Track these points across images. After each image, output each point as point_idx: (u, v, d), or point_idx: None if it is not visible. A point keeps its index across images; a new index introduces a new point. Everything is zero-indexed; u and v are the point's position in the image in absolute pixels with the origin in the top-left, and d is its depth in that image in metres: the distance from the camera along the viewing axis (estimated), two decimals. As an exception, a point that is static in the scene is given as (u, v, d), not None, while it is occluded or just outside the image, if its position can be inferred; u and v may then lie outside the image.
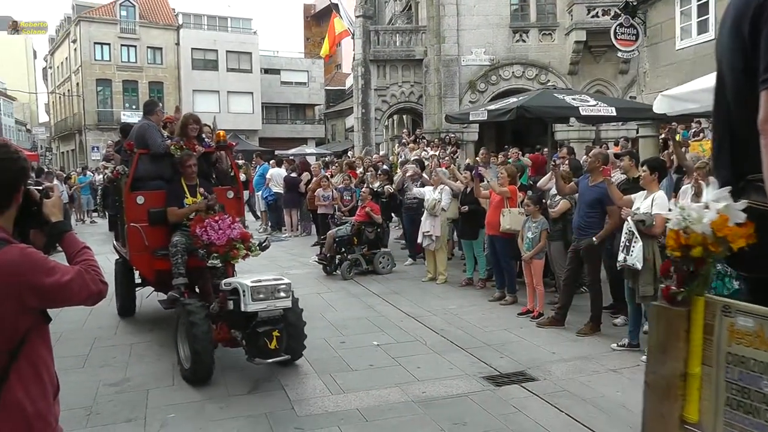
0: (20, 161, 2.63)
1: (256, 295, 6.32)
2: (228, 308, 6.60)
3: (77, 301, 2.63)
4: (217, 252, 7.00)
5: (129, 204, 8.09)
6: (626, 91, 25.65)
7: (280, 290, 6.49)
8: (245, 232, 7.42)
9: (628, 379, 6.54)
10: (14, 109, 72.57)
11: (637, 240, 6.95)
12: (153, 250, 7.99)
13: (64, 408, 5.89)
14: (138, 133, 8.31)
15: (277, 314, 6.49)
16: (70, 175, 27.93)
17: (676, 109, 9.34)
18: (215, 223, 7.11)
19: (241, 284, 6.43)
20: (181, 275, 7.58)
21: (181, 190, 7.99)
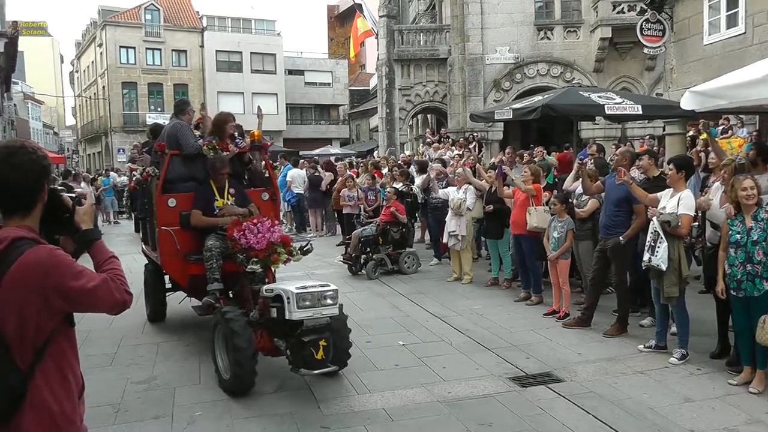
0: (40, 161, 2.63)
1: (301, 303, 5.96)
2: (270, 316, 6.28)
3: (102, 308, 2.62)
4: (257, 257, 6.72)
5: (160, 207, 7.79)
6: (653, 88, 25.41)
7: (327, 297, 6.13)
8: (286, 235, 7.16)
9: (656, 382, 6.46)
10: (42, 112, 73.62)
11: (662, 240, 6.85)
12: (185, 254, 7.68)
13: (92, 405, 5.98)
14: (170, 134, 8.03)
15: (324, 322, 6.12)
16: (96, 177, 28.23)
17: (705, 106, 9.20)
18: (254, 226, 6.82)
19: (286, 291, 6.07)
20: (216, 280, 7.24)
21: (210, 193, 7.72)
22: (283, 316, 6.05)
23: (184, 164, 7.98)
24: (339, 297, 6.34)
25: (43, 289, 2.46)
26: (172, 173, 7.91)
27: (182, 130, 7.96)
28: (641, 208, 7.76)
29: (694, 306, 7.53)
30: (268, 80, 51.93)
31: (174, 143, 7.92)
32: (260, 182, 8.67)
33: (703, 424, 5.43)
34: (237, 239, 6.80)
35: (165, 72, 49.98)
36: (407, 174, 15.14)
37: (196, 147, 7.80)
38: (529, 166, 10.46)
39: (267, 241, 6.76)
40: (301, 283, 6.26)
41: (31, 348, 2.50)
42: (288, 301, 5.99)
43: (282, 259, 6.87)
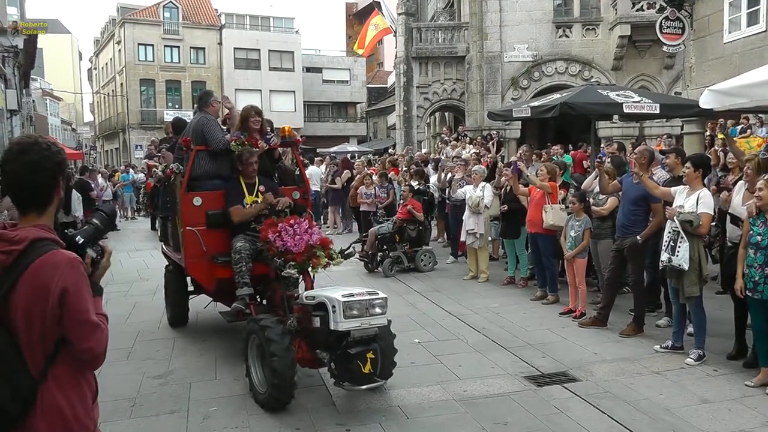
0: (54, 156, 2.61)
1: (348, 312, 5.49)
2: (313, 326, 5.80)
3: (85, 344, 2.52)
4: (295, 260, 6.27)
5: (185, 206, 7.28)
6: (671, 87, 25.24)
7: (375, 306, 5.67)
8: (325, 237, 6.73)
9: (672, 382, 6.42)
10: (60, 109, 74.28)
11: (683, 240, 6.79)
12: (211, 256, 7.19)
13: (109, 399, 6.04)
14: (195, 128, 7.51)
15: (372, 333, 5.65)
16: (113, 173, 28.43)
17: (724, 105, 9.12)
18: (290, 227, 6.39)
19: (330, 299, 5.60)
20: (246, 285, 6.79)
21: (240, 189, 7.24)
22: (328, 326, 5.60)
23: (210, 160, 7.48)
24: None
25: (50, 291, 2.43)
26: (197, 170, 7.42)
27: (209, 125, 7.46)
28: (659, 207, 7.70)
29: (711, 306, 7.47)
30: (285, 78, 52.06)
31: (200, 138, 7.42)
32: (291, 180, 8.24)
33: (719, 426, 5.40)
34: (272, 241, 6.34)
35: (183, 69, 50.26)
36: (422, 173, 15.13)
37: (224, 142, 7.34)
38: (545, 165, 10.42)
39: (305, 243, 6.33)
40: (346, 290, 5.81)
41: (42, 353, 2.49)
42: (333, 310, 5.53)
43: (322, 263, 6.44)
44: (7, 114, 24.13)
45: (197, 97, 8.18)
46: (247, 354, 6.17)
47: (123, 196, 26.18)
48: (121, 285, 11.85)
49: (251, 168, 7.22)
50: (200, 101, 7.91)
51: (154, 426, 5.67)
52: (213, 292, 7.79)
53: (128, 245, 18.34)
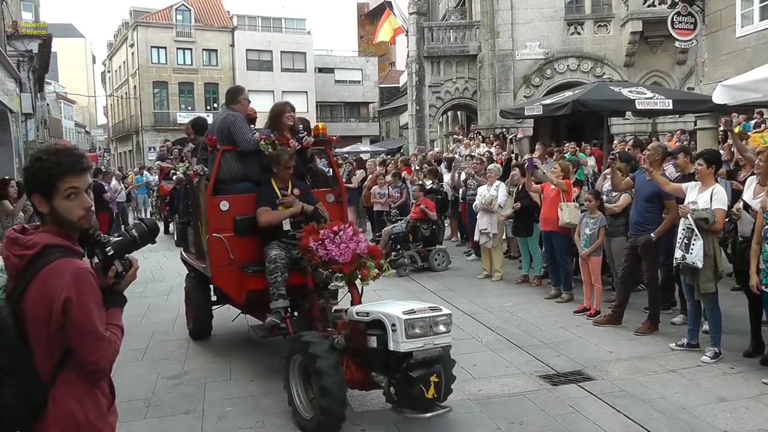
0: (50, 161, 2.55)
1: (411, 331, 4.89)
2: (368, 346, 5.18)
3: (90, 356, 2.50)
4: (341, 271, 5.74)
5: (211, 211, 6.76)
6: (684, 83, 25.09)
7: (440, 323, 5.07)
8: (374, 245, 6.18)
9: (688, 380, 6.38)
10: (74, 111, 74.86)
11: (697, 238, 6.73)
12: (240, 264, 6.70)
13: (124, 399, 6.07)
14: (221, 127, 6.94)
15: (436, 354, 5.05)
16: (127, 175, 28.57)
17: (737, 99, 9.06)
18: (334, 234, 5.86)
19: (389, 316, 4.99)
20: (281, 297, 6.28)
21: (273, 193, 6.69)
22: (386, 346, 4.99)
23: (238, 161, 6.92)
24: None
25: (54, 299, 2.43)
26: (224, 172, 6.88)
27: (236, 123, 6.85)
28: (673, 204, 7.65)
29: (726, 303, 7.42)
30: (298, 78, 52.19)
31: (226, 137, 6.88)
32: (323, 182, 7.79)
33: (737, 425, 5.35)
34: (314, 250, 5.81)
35: (196, 71, 50.49)
36: (436, 171, 15.12)
37: (253, 142, 6.76)
38: (558, 162, 10.39)
39: (352, 252, 5.77)
40: (405, 305, 5.20)
41: (50, 359, 2.49)
42: (393, 329, 4.92)
43: (372, 274, 5.87)
44: (22, 117, 24.30)
45: (227, 92, 7.54)
46: (289, 376, 5.65)
47: (137, 197, 26.29)
48: (136, 286, 11.68)
49: (288, 170, 6.71)
50: (228, 97, 7.34)
51: (169, 426, 5.69)
52: (243, 304, 7.19)
53: (142, 247, 18.45)
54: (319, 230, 5.96)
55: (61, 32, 57.53)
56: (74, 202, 2.57)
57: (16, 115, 22.67)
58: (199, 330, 8.18)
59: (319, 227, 6.03)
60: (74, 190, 2.57)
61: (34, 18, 31.11)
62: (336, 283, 5.82)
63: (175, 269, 13.40)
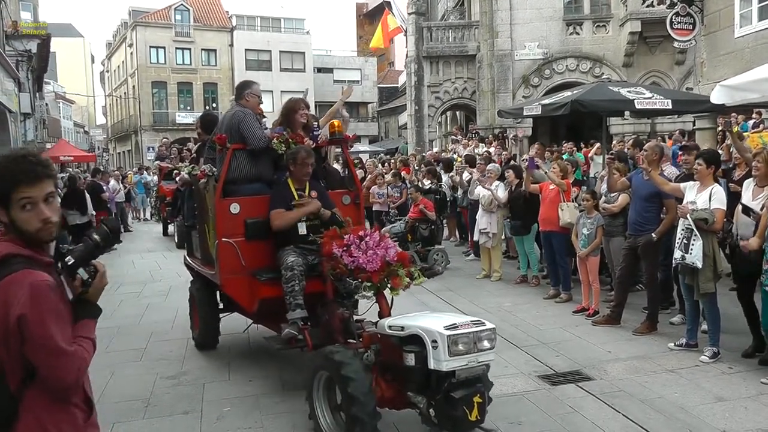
0: (4, 169, 2.41)
1: (454, 348, 4.42)
2: (405, 363, 4.69)
3: (49, 373, 2.34)
4: (370, 280, 5.24)
5: (220, 214, 6.35)
6: (683, 83, 25.09)
7: (483, 338, 4.60)
8: (403, 252, 5.70)
9: (687, 380, 6.38)
10: (73, 111, 74.83)
11: (696, 238, 6.72)
12: (252, 271, 6.31)
13: (123, 399, 6.07)
14: (230, 124, 6.50)
15: (479, 372, 4.66)
16: (126, 174, 28.58)
17: (735, 100, 9.07)
18: (359, 240, 5.39)
19: (429, 331, 4.53)
20: (299, 307, 5.87)
21: (289, 194, 6.26)
22: (425, 364, 4.54)
23: (249, 161, 6.50)
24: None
25: (9, 313, 2.29)
26: (234, 172, 6.46)
27: (245, 120, 6.42)
28: (672, 204, 7.65)
29: (724, 303, 7.41)
30: (297, 78, 52.17)
31: (236, 135, 6.43)
32: (337, 183, 7.29)
33: (735, 425, 5.35)
34: (339, 257, 5.33)
35: (195, 71, 50.54)
36: (435, 171, 15.12)
37: (265, 140, 6.38)
38: (557, 162, 10.39)
39: (381, 259, 5.27)
40: (445, 319, 4.76)
41: (17, 371, 2.37)
42: (434, 345, 4.46)
43: (404, 284, 5.33)
44: (21, 117, 24.30)
45: (237, 86, 7.14)
46: (313, 394, 5.22)
47: (136, 197, 26.33)
48: (134, 286, 11.91)
49: (306, 170, 6.24)
50: (239, 92, 6.90)
51: (167, 426, 5.68)
52: (254, 314, 6.74)
53: (140, 246, 18.43)
54: (342, 235, 5.49)
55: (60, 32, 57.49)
56: (30, 213, 2.42)
57: (15, 114, 22.67)
58: (206, 340, 7.69)
59: (342, 232, 5.55)
60: (29, 200, 2.41)
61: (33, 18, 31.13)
62: (364, 294, 5.36)
63: (173, 269, 13.42)
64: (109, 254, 16.62)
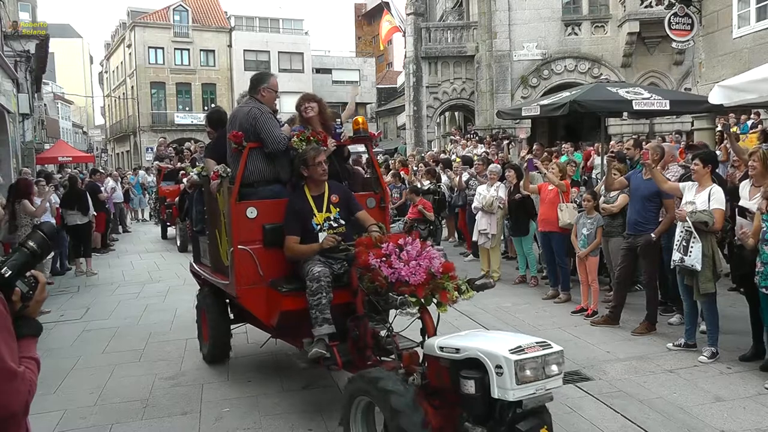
0: None
1: (522, 375, 3.90)
2: (464, 391, 4.11)
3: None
4: (414, 294, 4.63)
5: (236, 218, 5.83)
6: (681, 83, 25.14)
7: (551, 363, 4.13)
8: (448, 262, 5.00)
9: (685, 380, 6.38)
10: (71, 112, 74.80)
11: (696, 240, 6.72)
12: (270, 281, 5.83)
13: (121, 400, 6.07)
14: (245, 121, 5.92)
15: (547, 400, 4.13)
16: (125, 175, 28.58)
17: (733, 100, 9.07)
18: (399, 249, 4.79)
19: (492, 355, 3.97)
20: (326, 322, 5.32)
21: (306, 206, 5.70)
22: (487, 393, 4.01)
23: (266, 161, 5.98)
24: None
25: None
26: (251, 173, 5.95)
27: (262, 118, 5.87)
28: (671, 203, 7.66)
29: (723, 303, 7.43)
30: (295, 79, 52.10)
31: (251, 134, 5.89)
32: (360, 185, 6.74)
33: (734, 425, 5.36)
34: (377, 269, 4.72)
35: (193, 72, 50.51)
36: (434, 172, 15.12)
37: (284, 140, 5.87)
38: (556, 163, 10.40)
39: (425, 271, 4.68)
40: (506, 340, 4.23)
41: None
42: (499, 372, 3.92)
43: (452, 298, 4.80)
44: (19, 118, 24.30)
45: (251, 79, 6.42)
46: (350, 421, 4.71)
47: (134, 198, 26.33)
48: (133, 286, 11.91)
49: (321, 169, 5.67)
50: (253, 84, 6.26)
51: (166, 427, 5.67)
52: (273, 328, 6.16)
53: (139, 247, 18.43)
54: (379, 243, 4.92)
55: (59, 32, 57.58)
56: None
57: (14, 115, 22.66)
58: (217, 354, 7.12)
59: (378, 239, 5.01)
60: None
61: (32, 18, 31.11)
62: (409, 310, 4.69)
63: (172, 270, 13.45)
64: (108, 255, 16.67)
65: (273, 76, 6.44)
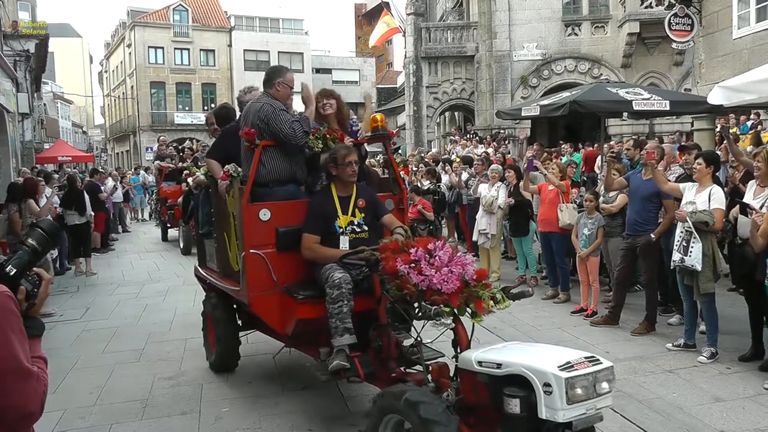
0: None
1: (573, 394, 3.59)
2: (508, 411, 3.80)
3: (8, 401, 2.00)
4: (449, 304, 4.28)
5: (248, 221, 5.53)
6: (681, 84, 25.13)
7: (602, 380, 3.78)
8: (482, 269, 4.76)
9: (685, 381, 6.39)
10: (71, 111, 74.76)
11: (696, 241, 6.72)
12: (285, 287, 5.55)
13: (121, 400, 6.06)
14: (258, 117, 5.62)
15: (597, 420, 3.82)
16: (125, 175, 28.58)
17: (733, 101, 9.08)
18: (429, 255, 4.48)
19: (538, 371, 3.68)
20: (347, 331, 5.02)
21: (331, 206, 5.43)
22: (534, 413, 3.69)
23: (281, 159, 5.69)
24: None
25: None
26: (265, 173, 5.65)
27: (276, 115, 5.56)
28: (671, 204, 7.66)
29: (722, 303, 7.43)
30: (295, 78, 51.90)
31: (265, 132, 5.60)
32: (377, 185, 6.44)
33: (733, 425, 5.36)
34: (406, 275, 4.39)
35: (193, 72, 50.56)
36: (434, 172, 15.12)
37: (300, 137, 5.54)
38: (556, 163, 10.40)
39: (458, 278, 4.34)
40: (553, 355, 3.93)
41: None
42: (547, 390, 3.61)
43: (488, 308, 4.44)
44: (19, 117, 24.30)
45: (266, 72, 6.13)
46: None
47: (134, 198, 26.36)
48: (132, 286, 11.92)
49: (351, 170, 5.40)
50: (268, 78, 5.99)
51: (166, 427, 5.68)
52: (288, 336, 5.79)
53: (138, 247, 18.43)
54: (406, 248, 4.59)
55: (58, 32, 57.55)
56: None
57: (13, 115, 22.66)
58: (225, 362, 6.85)
59: (405, 244, 4.67)
60: None
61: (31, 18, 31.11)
62: (445, 321, 4.33)
63: (172, 270, 13.46)
64: (108, 255, 16.67)
65: (289, 71, 6.15)
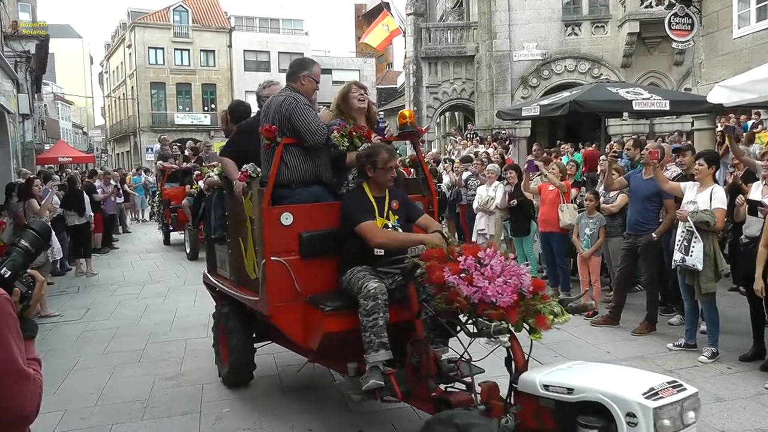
0: None
1: (660, 424, 3.16)
2: None
3: (13, 402, 1.99)
4: (505, 319, 3.87)
5: (269, 225, 5.10)
6: (681, 83, 25.12)
7: (688, 408, 3.35)
8: (539, 280, 4.20)
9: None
10: (71, 112, 74.79)
11: (697, 240, 6.72)
12: (310, 298, 5.08)
13: (121, 401, 6.05)
14: (279, 112, 5.22)
15: None
16: (125, 175, 28.58)
17: (733, 100, 9.08)
18: (480, 264, 4.03)
19: (620, 399, 3.24)
20: (383, 347, 4.59)
21: (367, 202, 4.98)
22: None
23: (304, 158, 5.26)
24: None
25: None
26: (287, 173, 5.23)
27: (299, 109, 5.17)
28: (671, 204, 7.66)
29: (723, 303, 7.42)
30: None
31: (286, 128, 5.20)
32: (403, 186, 5.83)
33: (734, 425, 5.35)
34: (455, 287, 3.96)
35: (193, 72, 50.61)
36: (435, 172, 15.11)
37: (325, 134, 5.18)
38: (556, 163, 10.39)
39: (514, 290, 3.91)
40: (634, 379, 3.57)
41: None
42: (631, 421, 3.17)
43: (549, 322, 3.97)
44: (20, 118, 24.28)
45: (291, 65, 5.74)
46: None
47: (136, 199, 26.38)
48: (133, 287, 11.91)
49: (390, 175, 5.00)
50: (291, 71, 5.57)
51: (166, 427, 5.68)
52: (314, 350, 5.20)
53: (139, 247, 18.42)
54: (453, 256, 4.13)
55: (59, 33, 57.53)
56: None
57: (14, 116, 22.63)
58: (240, 376, 6.41)
59: (449, 251, 4.22)
60: None
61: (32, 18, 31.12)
62: (502, 338, 3.91)
63: (172, 271, 13.47)
64: (108, 255, 16.66)
65: (317, 65, 5.71)
